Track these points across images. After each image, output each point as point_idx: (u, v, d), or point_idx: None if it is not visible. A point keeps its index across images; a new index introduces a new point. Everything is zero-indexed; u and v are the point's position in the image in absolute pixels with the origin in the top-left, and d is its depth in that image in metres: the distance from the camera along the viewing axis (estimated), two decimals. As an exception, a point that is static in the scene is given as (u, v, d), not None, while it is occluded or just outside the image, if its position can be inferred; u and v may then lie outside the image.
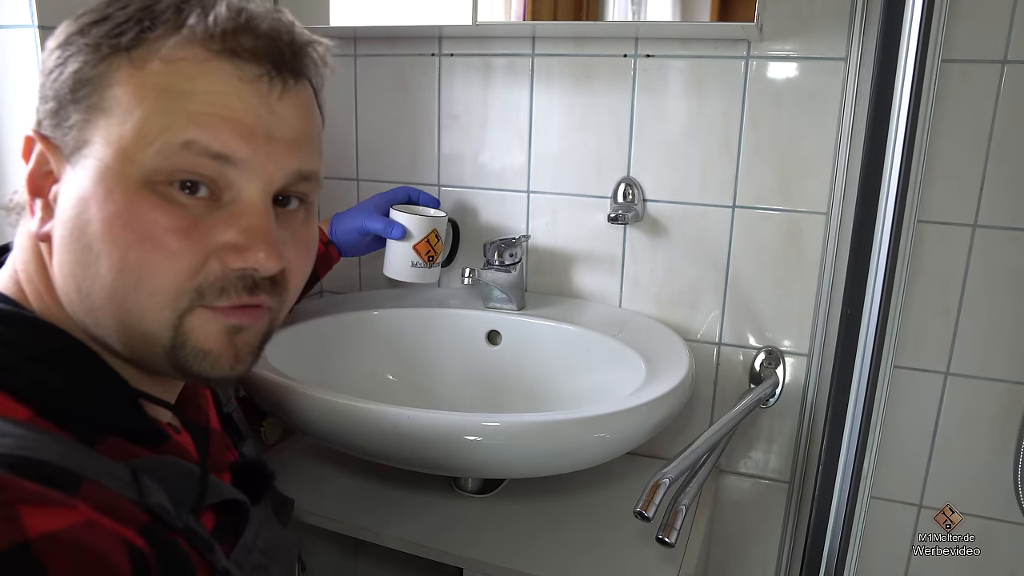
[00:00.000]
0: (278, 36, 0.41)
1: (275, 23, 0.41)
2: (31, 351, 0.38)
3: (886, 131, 0.56)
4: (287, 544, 0.52)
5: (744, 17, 0.77)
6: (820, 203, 0.89)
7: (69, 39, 0.40)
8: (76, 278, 0.39)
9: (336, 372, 0.90)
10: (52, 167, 0.40)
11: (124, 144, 0.37)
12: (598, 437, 0.70)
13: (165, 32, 0.38)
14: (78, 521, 0.31)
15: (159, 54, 0.38)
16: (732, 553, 1.04)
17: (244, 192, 0.40)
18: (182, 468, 0.41)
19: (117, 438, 0.39)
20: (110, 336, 0.40)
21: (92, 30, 0.39)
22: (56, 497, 0.31)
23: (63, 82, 0.39)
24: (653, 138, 0.94)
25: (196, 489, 0.40)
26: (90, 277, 0.39)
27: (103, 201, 0.38)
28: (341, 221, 0.92)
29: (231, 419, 0.56)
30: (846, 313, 0.61)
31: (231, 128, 0.38)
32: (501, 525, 0.81)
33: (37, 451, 0.33)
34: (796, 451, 0.97)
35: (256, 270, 0.40)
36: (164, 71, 0.38)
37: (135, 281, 0.38)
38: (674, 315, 0.99)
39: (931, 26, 0.54)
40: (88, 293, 0.39)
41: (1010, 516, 0.89)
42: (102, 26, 0.39)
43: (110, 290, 0.38)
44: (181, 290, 0.39)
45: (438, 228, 0.94)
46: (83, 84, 0.38)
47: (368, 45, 1.06)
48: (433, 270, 0.95)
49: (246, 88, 0.39)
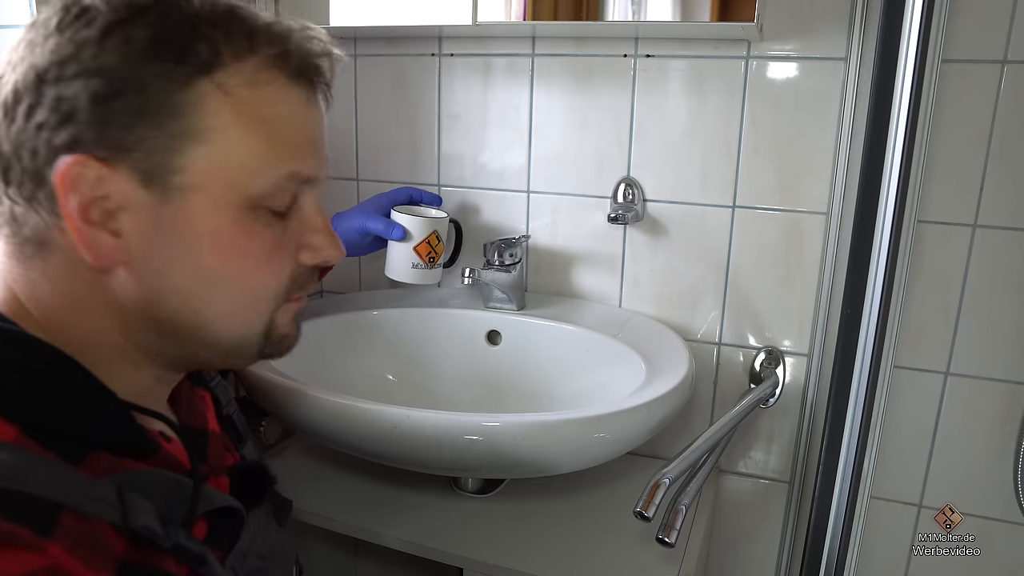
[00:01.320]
0: (327, 55, 0.44)
1: (327, 45, 0.44)
2: (17, 366, 0.37)
3: (886, 131, 0.56)
4: (286, 548, 0.51)
5: (744, 17, 0.77)
6: (820, 203, 0.89)
7: (95, 48, 0.36)
8: (174, 305, 0.40)
9: (336, 372, 0.90)
10: (112, 192, 0.37)
11: (231, 174, 0.39)
12: (598, 437, 0.70)
13: (237, 52, 0.39)
14: (43, 566, 0.31)
15: (243, 78, 0.39)
16: (732, 553, 1.04)
17: (308, 199, 0.44)
18: (171, 480, 0.40)
19: (104, 452, 0.38)
20: (192, 348, 0.43)
21: (137, 43, 0.36)
22: (25, 537, 0.31)
23: (127, 103, 0.36)
24: (653, 138, 0.94)
25: (188, 501, 0.40)
26: (199, 300, 0.41)
27: (206, 228, 0.39)
28: (341, 221, 0.92)
29: (232, 421, 0.56)
30: (846, 313, 0.61)
31: (313, 154, 0.43)
32: (501, 525, 0.81)
33: (15, 480, 0.32)
34: (796, 451, 0.97)
35: (328, 263, 0.46)
36: (254, 99, 0.39)
37: (252, 297, 0.42)
38: (674, 315, 0.99)
39: (931, 26, 0.54)
40: (194, 313, 0.41)
41: (1010, 516, 0.89)
42: (156, 42, 0.37)
43: (224, 308, 0.42)
44: (278, 296, 0.44)
45: (439, 229, 0.94)
46: (161, 110, 0.37)
47: (368, 45, 1.06)
48: (434, 271, 0.95)
49: (311, 110, 0.43)
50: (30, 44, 0.38)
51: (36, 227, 0.38)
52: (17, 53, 0.38)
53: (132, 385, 0.42)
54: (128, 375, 0.42)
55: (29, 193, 0.38)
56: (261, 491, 0.51)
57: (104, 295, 0.40)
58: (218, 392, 0.55)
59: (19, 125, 0.37)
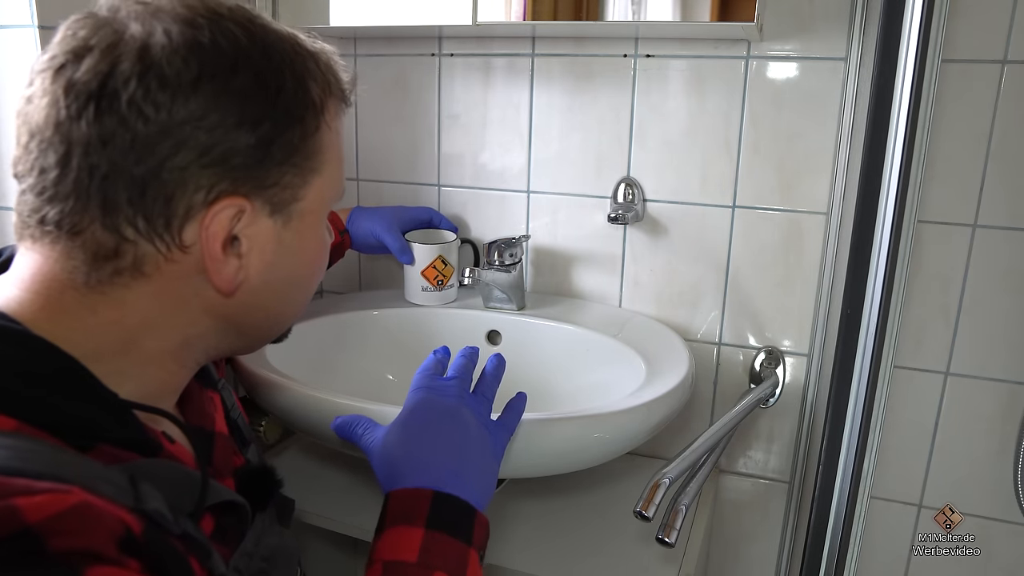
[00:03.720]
0: (355, 81, 0.48)
1: (353, 71, 0.50)
2: (20, 368, 0.37)
3: (886, 131, 0.56)
4: (290, 551, 0.51)
5: (744, 17, 0.77)
6: (820, 203, 0.89)
7: (226, 103, 0.38)
8: (267, 309, 0.46)
9: (336, 372, 0.90)
10: (241, 223, 0.41)
11: (326, 196, 0.46)
12: (598, 437, 0.70)
13: (327, 91, 0.44)
14: (77, 502, 0.31)
15: (332, 113, 0.45)
16: (732, 553, 1.04)
17: None
18: (180, 471, 0.41)
19: (108, 446, 0.38)
20: (253, 338, 0.49)
21: (279, 93, 0.41)
22: (48, 486, 0.31)
23: (273, 151, 0.41)
24: (653, 138, 0.94)
25: (196, 493, 0.40)
26: (286, 302, 0.47)
27: (311, 242, 0.46)
28: (361, 219, 0.97)
29: (237, 424, 0.56)
30: (846, 313, 0.61)
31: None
32: (501, 525, 0.81)
33: (27, 461, 0.32)
34: (796, 451, 0.97)
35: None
36: (337, 129, 0.46)
37: (311, 292, 0.50)
38: (674, 315, 0.99)
39: (931, 26, 0.54)
40: (277, 314, 0.48)
41: (1010, 516, 0.89)
42: (293, 91, 0.41)
43: (296, 305, 0.49)
44: None
45: (444, 254, 0.98)
46: (298, 151, 0.42)
47: (368, 45, 1.06)
48: (446, 292, 1.00)
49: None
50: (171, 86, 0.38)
51: (140, 258, 0.39)
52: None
53: (149, 386, 0.42)
54: (152, 376, 0.43)
55: (157, 227, 0.39)
56: (266, 494, 0.51)
57: (193, 313, 0.43)
58: (224, 395, 0.56)
59: (161, 161, 0.38)
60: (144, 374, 0.42)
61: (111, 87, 0.36)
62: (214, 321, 0.44)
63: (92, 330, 0.40)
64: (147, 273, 0.40)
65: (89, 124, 0.36)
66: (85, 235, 0.38)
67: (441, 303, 1.00)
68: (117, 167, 0.37)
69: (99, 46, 0.37)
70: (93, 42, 0.37)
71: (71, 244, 0.39)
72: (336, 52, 0.46)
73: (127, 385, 0.41)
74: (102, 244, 0.38)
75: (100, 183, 0.37)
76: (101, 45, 0.37)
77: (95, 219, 0.38)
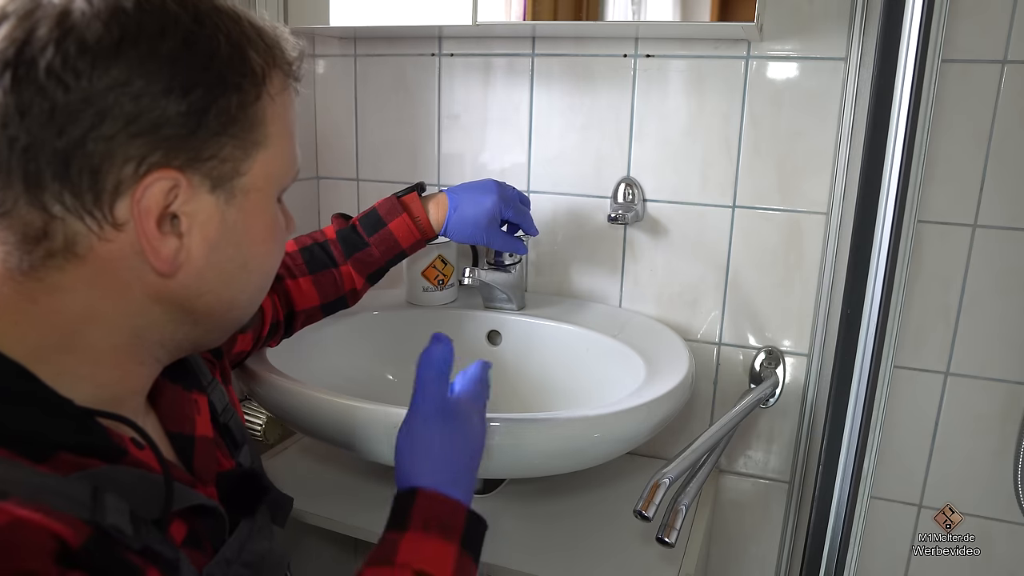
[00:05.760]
0: (303, 57, 0.46)
1: (303, 46, 0.46)
2: None
3: (886, 131, 0.56)
4: (277, 556, 0.50)
5: (744, 17, 0.77)
6: (820, 203, 0.89)
7: (174, 65, 0.37)
8: (216, 293, 0.43)
9: (336, 372, 0.90)
10: (186, 199, 0.39)
11: (273, 172, 0.43)
12: (598, 437, 0.70)
13: (271, 63, 0.42)
14: (4, 522, 0.30)
15: (277, 86, 0.43)
16: (732, 553, 1.04)
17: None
18: (144, 478, 0.39)
19: (68, 454, 0.37)
20: (209, 327, 0.45)
21: (215, 60, 0.38)
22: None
23: (211, 119, 0.38)
24: (653, 138, 0.94)
25: (162, 498, 0.39)
26: (237, 287, 0.44)
27: (258, 222, 0.43)
28: (467, 208, 0.84)
29: (227, 427, 0.54)
30: (846, 313, 0.61)
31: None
32: (501, 525, 0.81)
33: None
34: (796, 451, 0.97)
35: (289, 236, 0.51)
36: (284, 103, 0.44)
37: (269, 277, 0.47)
38: (674, 315, 0.99)
39: (931, 26, 0.54)
40: (229, 300, 0.44)
41: (1010, 516, 0.89)
42: (230, 60, 0.39)
43: (253, 290, 0.46)
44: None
45: (444, 253, 0.98)
46: (236, 121, 0.40)
47: (368, 45, 1.06)
48: (446, 291, 1.00)
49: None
50: (94, 53, 0.36)
51: (72, 237, 0.37)
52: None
53: (107, 388, 0.41)
54: (107, 376, 0.41)
55: (86, 203, 0.36)
56: (252, 500, 0.50)
57: (136, 299, 0.40)
58: (214, 397, 0.53)
59: (85, 132, 0.35)
60: (98, 374, 0.41)
61: (28, 55, 0.34)
62: (162, 309, 0.41)
63: (33, 322, 0.38)
64: (80, 254, 0.38)
65: (5, 94, 0.34)
66: (12, 216, 0.36)
67: (441, 303, 1.00)
68: (37, 139, 0.35)
69: (16, 13, 0.35)
70: (10, 9, 0.35)
71: (0, 226, 0.37)
72: (287, 30, 0.45)
73: (82, 387, 0.39)
74: (29, 223, 0.37)
75: (21, 156, 0.35)
76: (19, 12, 0.35)
77: (19, 196, 0.36)
